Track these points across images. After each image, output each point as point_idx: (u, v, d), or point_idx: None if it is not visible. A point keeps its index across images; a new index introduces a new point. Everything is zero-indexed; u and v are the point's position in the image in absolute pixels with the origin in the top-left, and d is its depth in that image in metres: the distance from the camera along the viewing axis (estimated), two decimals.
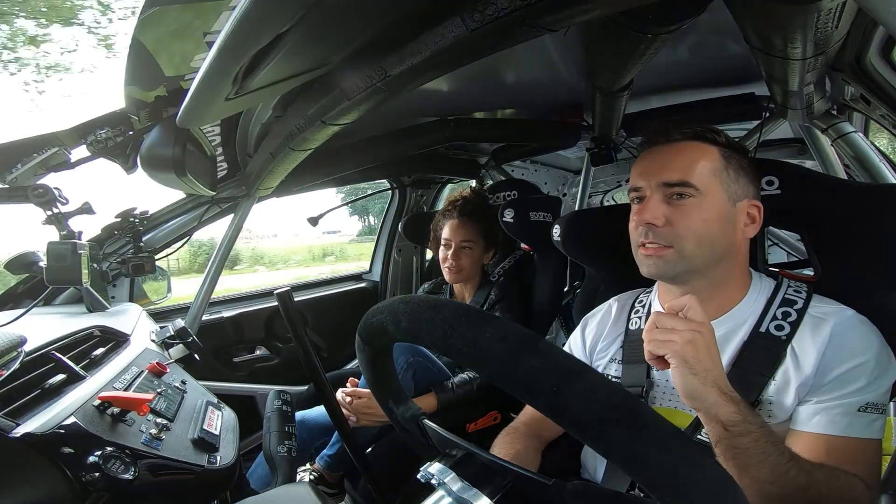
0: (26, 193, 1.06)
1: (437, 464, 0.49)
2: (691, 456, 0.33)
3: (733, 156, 0.78)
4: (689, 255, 0.75)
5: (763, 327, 0.75)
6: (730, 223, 0.76)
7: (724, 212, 0.75)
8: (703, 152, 0.77)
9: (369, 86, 0.78)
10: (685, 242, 0.75)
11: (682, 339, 0.63)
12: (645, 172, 0.79)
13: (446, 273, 1.60)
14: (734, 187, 0.77)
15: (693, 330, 0.64)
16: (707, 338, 0.64)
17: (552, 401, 0.36)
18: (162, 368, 0.97)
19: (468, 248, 1.57)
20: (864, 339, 0.69)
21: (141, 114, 1.03)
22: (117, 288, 1.46)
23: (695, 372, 0.62)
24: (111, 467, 0.66)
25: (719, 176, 0.76)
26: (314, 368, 1.04)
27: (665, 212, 0.76)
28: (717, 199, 0.75)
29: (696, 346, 0.63)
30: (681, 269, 0.77)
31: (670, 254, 0.76)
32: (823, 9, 0.61)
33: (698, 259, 0.76)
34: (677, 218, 0.75)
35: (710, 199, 0.75)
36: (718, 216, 0.75)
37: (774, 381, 0.71)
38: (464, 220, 1.58)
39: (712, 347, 0.64)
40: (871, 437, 0.66)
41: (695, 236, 0.74)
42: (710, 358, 0.63)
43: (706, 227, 0.74)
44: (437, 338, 0.42)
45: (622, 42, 0.83)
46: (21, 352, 0.72)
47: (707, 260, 0.76)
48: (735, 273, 0.79)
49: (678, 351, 0.63)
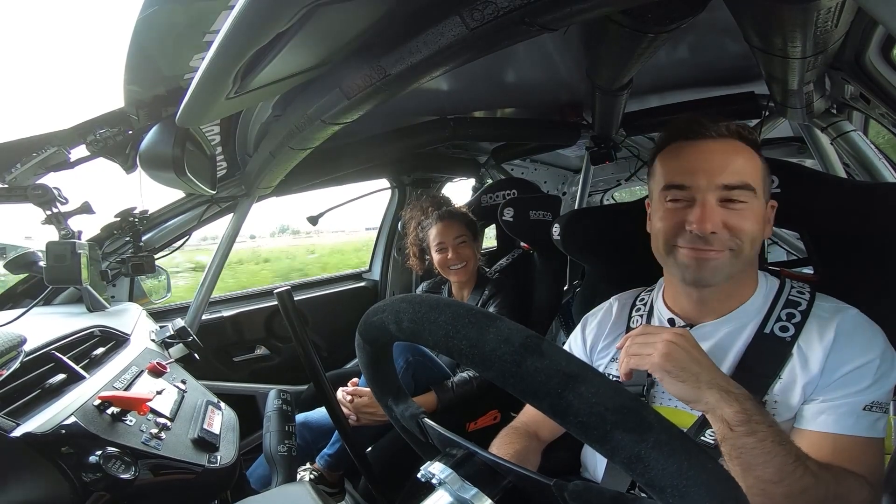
0: (25, 193, 1.06)
1: (438, 463, 0.49)
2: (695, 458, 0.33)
3: (763, 161, 0.77)
4: (744, 258, 0.72)
5: (767, 329, 0.75)
6: (765, 223, 0.76)
7: (763, 213, 0.75)
8: (751, 155, 0.75)
9: (369, 85, 0.78)
10: (744, 244, 0.72)
11: (658, 352, 0.63)
12: (694, 170, 0.73)
13: (455, 273, 1.62)
14: (766, 188, 0.77)
15: (666, 340, 0.64)
16: (683, 343, 0.64)
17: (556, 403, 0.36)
18: (162, 368, 0.97)
19: (462, 240, 1.61)
20: (868, 337, 0.69)
21: (140, 113, 1.03)
22: (117, 287, 1.46)
23: (682, 379, 0.62)
24: (111, 467, 0.66)
25: (762, 176, 0.75)
26: (314, 368, 1.04)
27: (722, 216, 0.71)
28: (762, 200, 0.75)
29: (673, 354, 0.63)
30: (728, 273, 0.73)
31: (725, 258, 0.72)
32: (823, 8, 0.61)
33: (746, 262, 0.74)
34: (736, 222, 0.71)
35: (759, 202, 0.74)
36: (762, 218, 0.75)
37: (780, 380, 0.71)
38: (447, 221, 1.63)
39: (693, 351, 0.64)
40: (876, 437, 0.66)
41: (750, 240, 0.72)
42: (695, 361, 0.63)
43: (758, 229, 0.73)
44: (439, 338, 0.42)
45: (622, 41, 0.83)
46: (21, 351, 0.72)
47: (747, 262, 0.74)
48: (749, 273, 0.79)
49: (657, 363, 0.63)
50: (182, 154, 0.97)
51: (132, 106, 1.01)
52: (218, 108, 0.82)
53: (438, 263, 1.64)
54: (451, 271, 1.62)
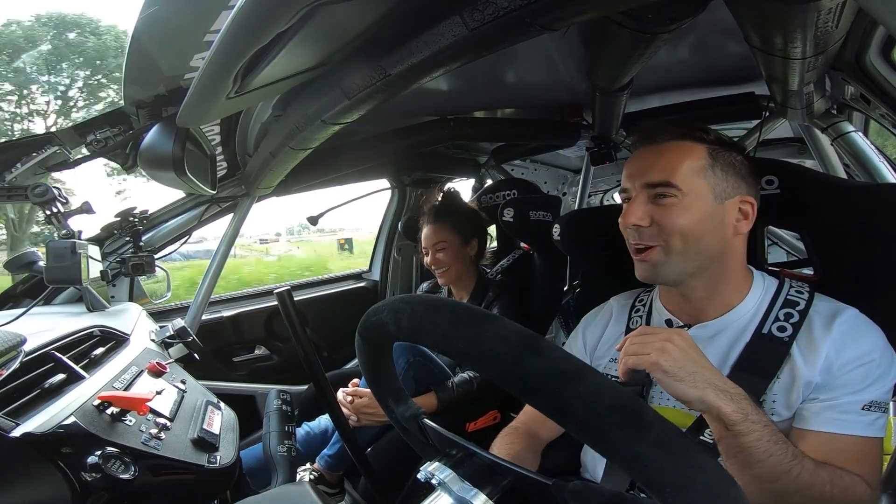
0: (26, 192, 1.06)
1: (437, 463, 0.49)
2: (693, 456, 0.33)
3: (722, 153, 0.77)
4: (676, 253, 0.76)
5: (766, 329, 0.75)
6: (717, 221, 0.76)
7: (710, 211, 0.75)
8: (689, 151, 0.77)
9: (369, 85, 0.78)
10: (671, 241, 0.75)
11: (654, 350, 0.64)
12: (631, 174, 0.80)
13: (438, 276, 1.64)
14: (722, 185, 0.76)
15: (664, 339, 0.64)
16: (681, 343, 0.64)
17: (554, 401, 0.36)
18: (162, 368, 0.97)
19: (442, 247, 1.60)
20: (867, 337, 0.69)
21: (140, 113, 1.03)
22: (117, 287, 1.46)
23: (679, 378, 0.62)
24: (111, 467, 0.66)
25: (704, 174, 0.75)
26: (314, 368, 1.04)
27: (649, 211, 0.77)
28: (702, 198, 0.75)
29: (671, 353, 0.63)
30: (671, 270, 0.77)
31: (656, 253, 0.77)
32: (824, 8, 0.60)
33: (686, 258, 0.76)
34: (660, 217, 0.76)
35: (693, 199, 0.75)
36: (704, 215, 0.75)
37: (778, 380, 0.71)
38: (432, 225, 1.62)
39: (690, 350, 0.64)
40: (874, 436, 0.66)
41: (679, 234, 0.75)
42: (692, 360, 0.63)
43: (691, 225, 0.74)
44: (437, 337, 0.42)
45: (622, 41, 0.83)
46: (21, 351, 0.72)
47: (697, 259, 0.76)
48: (732, 272, 0.79)
49: (654, 363, 0.63)
50: (182, 154, 0.97)
51: (132, 106, 1.01)
52: (218, 107, 0.82)
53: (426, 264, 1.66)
54: (434, 272, 1.64)
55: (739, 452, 0.62)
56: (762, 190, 0.87)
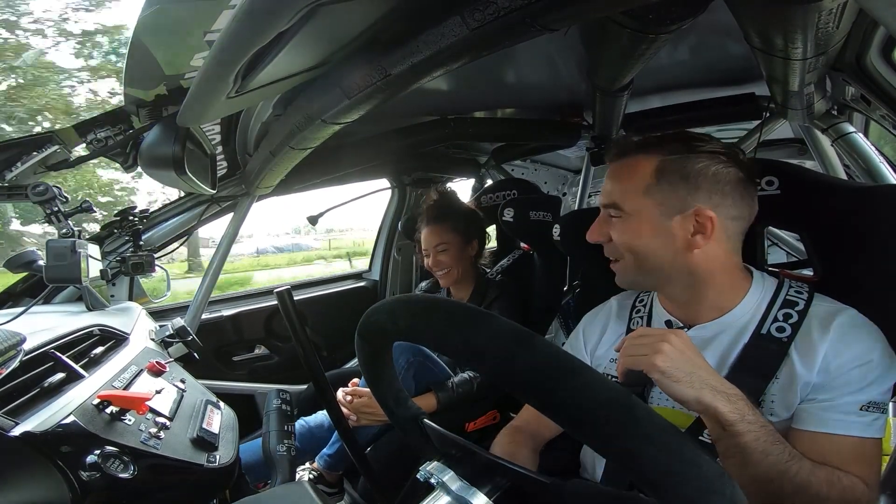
0: (26, 192, 1.06)
1: (437, 463, 0.49)
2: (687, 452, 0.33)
3: (674, 166, 0.75)
4: (634, 267, 0.79)
5: (764, 329, 0.75)
6: (666, 238, 0.75)
7: (656, 228, 0.75)
8: (635, 170, 0.77)
9: (369, 84, 0.78)
10: (625, 256, 0.80)
11: (652, 351, 0.64)
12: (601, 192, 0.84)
13: (440, 277, 1.63)
14: (671, 199, 0.75)
15: (661, 340, 0.64)
16: (679, 344, 0.64)
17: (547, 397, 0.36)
18: (161, 367, 0.98)
19: (443, 248, 1.59)
20: (866, 338, 0.69)
21: (141, 112, 1.03)
22: (117, 287, 1.46)
23: (676, 379, 0.62)
24: (110, 466, 0.66)
25: (649, 192, 0.75)
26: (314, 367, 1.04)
27: (606, 229, 0.81)
28: (647, 215, 0.76)
29: (668, 354, 0.63)
30: (638, 280, 0.82)
31: (620, 266, 0.82)
32: (824, 9, 0.60)
33: (643, 272, 0.79)
34: (614, 235, 0.80)
35: (636, 219, 0.77)
36: (651, 233, 0.76)
37: (777, 381, 0.71)
38: (432, 227, 1.62)
39: (687, 351, 0.64)
40: (873, 437, 0.66)
41: (630, 251, 0.79)
42: (689, 361, 0.63)
43: (637, 244, 0.78)
44: (434, 336, 0.43)
45: (622, 42, 0.83)
46: (20, 350, 0.72)
47: (655, 273, 0.79)
48: (711, 282, 0.78)
49: (652, 364, 0.63)
50: (182, 153, 0.97)
51: (133, 105, 1.01)
52: (218, 107, 0.82)
53: (426, 266, 1.66)
54: (436, 274, 1.64)
55: (737, 453, 0.62)
56: (762, 191, 0.87)
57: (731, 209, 0.75)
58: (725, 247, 0.77)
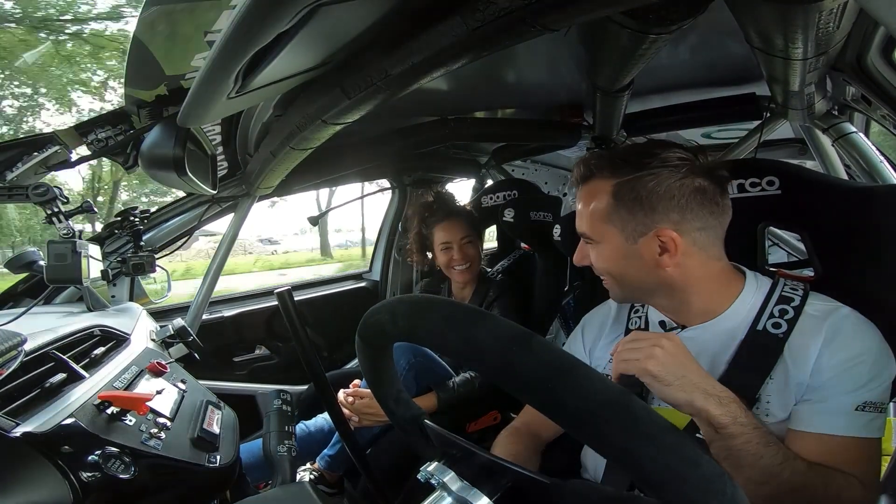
0: (26, 192, 1.06)
1: (437, 463, 0.49)
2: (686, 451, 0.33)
3: (624, 191, 0.74)
4: (617, 286, 0.82)
5: (760, 325, 0.74)
6: (635, 259, 0.76)
7: (622, 252, 0.77)
8: (595, 196, 0.78)
9: (370, 85, 0.78)
10: (606, 276, 0.82)
11: (644, 356, 0.65)
12: None
13: (459, 273, 1.60)
14: (631, 224, 0.74)
15: (653, 345, 0.65)
16: (670, 348, 0.65)
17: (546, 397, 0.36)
18: (162, 368, 0.98)
19: (470, 240, 1.59)
20: (861, 337, 0.69)
21: (141, 113, 1.03)
22: (117, 287, 1.46)
23: (668, 383, 0.63)
24: (111, 467, 0.66)
25: (609, 219, 0.76)
26: (314, 368, 1.04)
27: (585, 252, 0.84)
28: (613, 241, 0.77)
29: (659, 359, 0.64)
30: (626, 295, 0.84)
31: (606, 284, 0.84)
32: (825, 9, 0.60)
33: (625, 289, 0.82)
34: (591, 259, 0.82)
35: (605, 245, 0.79)
36: (620, 257, 0.77)
37: (772, 381, 0.71)
38: (454, 220, 1.61)
39: (679, 355, 0.65)
40: (870, 437, 0.66)
41: (607, 273, 0.81)
42: (681, 365, 0.64)
43: (610, 267, 0.80)
44: (433, 335, 0.43)
45: (623, 42, 0.83)
46: (21, 351, 0.72)
47: (636, 290, 0.81)
48: (694, 289, 0.77)
49: (643, 368, 0.64)
50: (183, 154, 0.97)
51: (133, 105, 1.01)
52: (219, 107, 0.82)
53: (443, 263, 1.62)
54: (455, 271, 1.60)
55: (730, 455, 0.62)
56: (763, 191, 0.87)
57: (695, 222, 0.73)
58: (701, 257, 0.75)
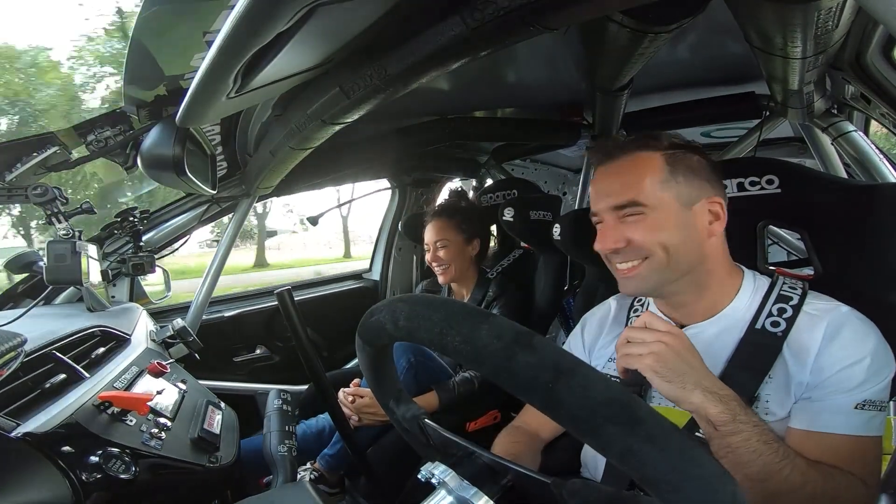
0: (26, 193, 1.06)
1: (438, 463, 0.49)
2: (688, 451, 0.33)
3: (680, 159, 0.76)
4: (661, 265, 0.76)
5: (759, 324, 0.75)
6: (690, 228, 0.76)
7: (679, 219, 0.75)
8: (647, 164, 0.76)
9: (369, 84, 0.78)
10: (654, 253, 0.75)
11: (648, 352, 0.65)
12: (595, 197, 0.80)
13: (439, 274, 1.64)
14: (686, 191, 0.75)
15: (658, 341, 0.65)
16: (675, 345, 0.65)
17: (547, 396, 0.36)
18: (162, 368, 0.97)
19: (444, 244, 1.60)
20: (860, 335, 0.69)
21: (141, 113, 1.03)
22: (117, 287, 1.46)
23: (668, 379, 0.63)
24: (111, 467, 0.66)
25: (666, 185, 0.75)
26: (314, 368, 1.04)
27: (623, 231, 0.76)
28: (669, 208, 0.75)
29: (663, 356, 0.64)
30: (658, 281, 0.77)
31: (644, 267, 0.76)
32: (823, 8, 0.61)
33: (672, 267, 0.76)
34: (635, 234, 0.76)
35: (662, 212, 0.75)
36: (675, 225, 0.75)
37: (771, 379, 0.71)
38: (436, 221, 1.62)
39: (684, 352, 0.65)
40: (870, 435, 0.66)
41: (660, 246, 0.75)
42: (684, 362, 0.64)
43: (667, 238, 0.75)
44: (433, 335, 0.43)
45: (622, 41, 0.83)
46: (21, 352, 0.72)
47: (681, 268, 0.76)
48: (715, 273, 0.78)
49: (647, 364, 0.65)
50: (182, 154, 0.97)
51: (132, 106, 1.01)
52: (218, 107, 0.82)
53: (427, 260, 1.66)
54: (434, 269, 1.64)
55: (729, 453, 0.62)
56: (762, 189, 0.87)
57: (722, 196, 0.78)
58: (721, 243, 0.79)
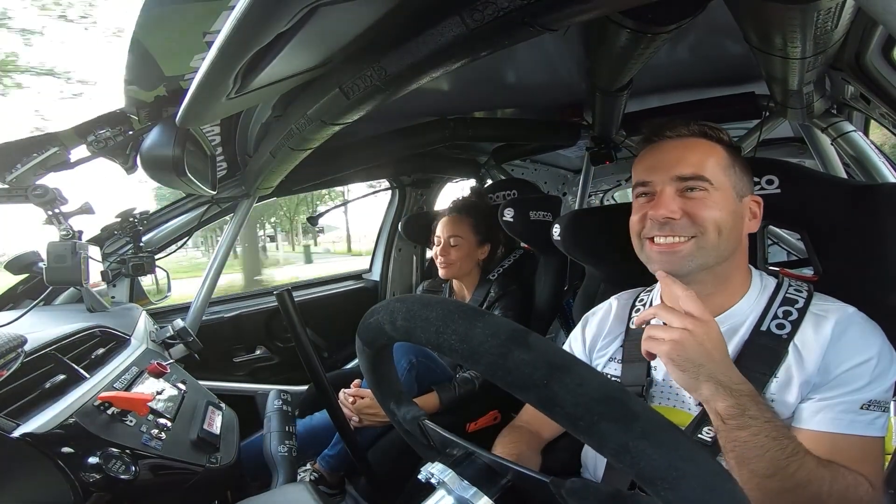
0: (26, 193, 1.06)
1: (438, 463, 0.49)
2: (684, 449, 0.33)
3: (735, 153, 0.80)
4: (710, 245, 0.74)
5: (764, 326, 0.75)
6: (739, 217, 0.77)
7: (733, 206, 0.77)
8: (712, 148, 0.78)
9: (369, 85, 0.78)
10: (707, 232, 0.74)
11: (669, 338, 0.65)
12: (654, 167, 0.79)
13: (439, 268, 1.63)
14: (740, 183, 0.78)
15: (684, 328, 0.65)
16: (699, 333, 0.65)
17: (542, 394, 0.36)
18: (162, 368, 0.98)
19: (456, 242, 1.60)
20: (865, 336, 0.69)
21: (141, 113, 1.03)
22: (117, 288, 1.46)
23: (683, 369, 0.64)
24: (111, 467, 0.66)
25: (728, 172, 0.77)
26: (314, 368, 1.04)
27: (681, 204, 0.75)
28: (728, 193, 0.76)
29: (682, 344, 0.65)
30: (697, 264, 0.75)
31: (689, 246, 0.74)
32: (823, 8, 0.61)
33: (716, 251, 0.75)
34: (695, 209, 0.74)
35: (722, 194, 0.76)
36: (730, 210, 0.76)
37: (776, 379, 0.71)
38: (454, 217, 1.62)
39: (706, 343, 0.65)
40: (874, 435, 0.66)
41: (715, 226, 0.74)
42: (704, 353, 0.65)
43: (724, 218, 0.74)
44: (430, 335, 0.43)
45: (622, 41, 0.83)
46: (21, 352, 0.72)
47: (722, 253, 0.76)
48: (737, 269, 0.80)
49: (666, 351, 0.65)
50: (182, 154, 0.97)
51: (132, 106, 1.01)
52: (218, 108, 0.82)
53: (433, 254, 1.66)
54: (437, 265, 1.64)
55: (737, 447, 0.62)
56: (762, 189, 0.87)
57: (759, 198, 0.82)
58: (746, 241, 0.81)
